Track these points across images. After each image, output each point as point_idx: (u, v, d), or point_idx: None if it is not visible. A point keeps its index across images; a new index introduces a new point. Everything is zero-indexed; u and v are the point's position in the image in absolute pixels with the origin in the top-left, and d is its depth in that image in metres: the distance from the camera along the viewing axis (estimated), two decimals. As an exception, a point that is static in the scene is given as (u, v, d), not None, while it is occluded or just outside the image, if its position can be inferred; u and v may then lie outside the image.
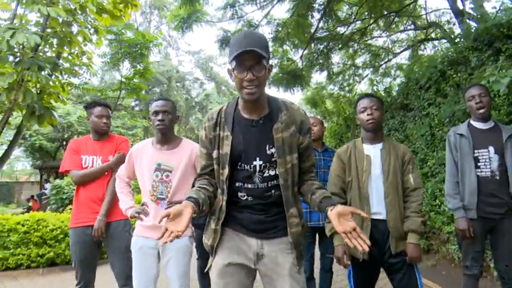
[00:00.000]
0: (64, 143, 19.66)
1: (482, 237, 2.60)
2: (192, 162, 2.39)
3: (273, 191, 1.65)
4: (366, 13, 9.78)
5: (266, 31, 9.60)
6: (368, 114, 2.26)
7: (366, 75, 12.68)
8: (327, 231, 2.29)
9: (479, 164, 2.58)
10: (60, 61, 6.17)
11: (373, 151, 2.29)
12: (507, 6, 3.44)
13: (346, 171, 2.31)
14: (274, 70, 10.08)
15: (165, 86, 26.28)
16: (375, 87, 12.57)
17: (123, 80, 7.74)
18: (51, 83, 5.48)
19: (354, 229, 1.41)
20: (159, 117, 2.33)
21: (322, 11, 8.74)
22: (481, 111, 2.60)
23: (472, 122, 2.71)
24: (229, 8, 8.27)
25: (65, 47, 5.62)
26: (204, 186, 1.68)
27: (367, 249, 1.37)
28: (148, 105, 2.59)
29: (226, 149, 1.62)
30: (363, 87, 13.87)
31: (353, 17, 9.85)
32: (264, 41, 1.57)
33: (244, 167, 1.63)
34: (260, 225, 1.66)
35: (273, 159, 1.61)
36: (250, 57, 1.48)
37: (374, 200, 2.21)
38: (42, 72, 4.87)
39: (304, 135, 1.67)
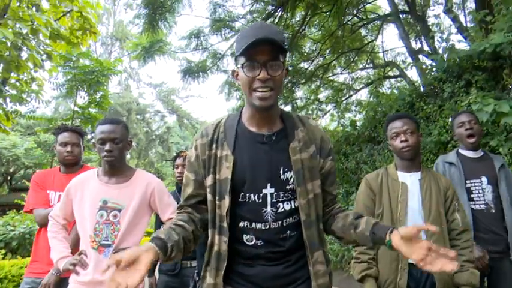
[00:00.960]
0: (9, 177, 18.11)
1: (481, 280, 2.33)
2: (148, 199, 1.92)
3: (288, 232, 1.25)
4: (328, 50, 10.10)
5: (231, 62, 9.56)
6: (402, 141, 1.92)
7: (329, 110, 12.93)
8: (355, 273, 1.87)
9: (472, 195, 2.36)
10: (7, 87, 5.68)
11: (410, 180, 1.95)
12: (477, 38, 3.52)
13: (376, 202, 1.94)
14: (238, 103, 9.97)
15: (125, 118, 25.47)
16: (336, 122, 12.90)
17: (77, 109, 7.22)
18: (-7, 110, 4.97)
19: (430, 248, 1.06)
20: (107, 147, 1.84)
21: (287, 46, 8.87)
22: (472, 140, 2.44)
23: (460, 150, 2.53)
24: (194, 39, 8.14)
25: (12, 73, 5.16)
26: (182, 223, 1.24)
27: (455, 266, 1.03)
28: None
29: (226, 172, 1.23)
30: (326, 122, 14.12)
31: (316, 53, 10.12)
32: (282, 33, 1.26)
33: (251, 197, 1.24)
34: (278, 280, 1.24)
35: (288, 187, 1.24)
36: (265, 50, 1.17)
37: None
38: (-18, 98, 4.38)
39: (326, 158, 1.32)
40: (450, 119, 3.82)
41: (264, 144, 1.26)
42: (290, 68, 10.07)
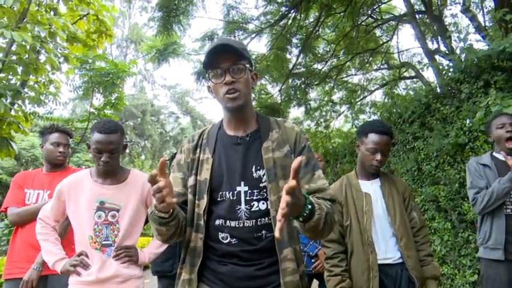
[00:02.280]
0: (27, 178, 18.53)
1: (510, 285, 2.29)
2: (144, 198, 1.96)
3: (264, 232, 1.30)
4: (342, 51, 10.00)
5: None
6: (377, 160, 1.98)
7: (343, 112, 12.81)
8: (330, 287, 1.93)
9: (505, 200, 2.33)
10: (25, 89, 5.80)
11: (371, 188, 2.04)
12: (497, 37, 3.43)
13: (344, 214, 2.00)
14: (253, 103, 9.98)
15: (139, 119, 25.81)
16: (350, 123, 12.76)
17: (93, 110, 7.34)
18: (12, 112, 5.07)
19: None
20: (104, 158, 1.83)
21: (300, 47, 8.83)
22: (511, 145, 2.36)
23: (495, 154, 2.48)
24: (207, 41, 8.18)
25: (31, 75, 5.27)
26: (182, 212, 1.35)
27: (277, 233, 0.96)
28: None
29: (206, 174, 1.34)
30: (339, 123, 13.99)
31: (330, 54, 10.03)
32: (240, 43, 1.42)
33: (226, 195, 1.32)
34: (248, 282, 1.27)
35: (261, 185, 1.31)
36: (225, 58, 1.30)
37: (381, 244, 1.93)
38: (3, 100, 4.48)
39: (298, 155, 1.35)
40: (468, 121, 3.73)
41: (238, 145, 1.37)
42: (303, 69, 10.01)
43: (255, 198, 1.30)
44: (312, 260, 2.79)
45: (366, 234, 1.91)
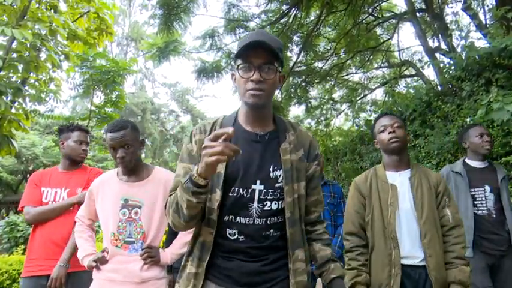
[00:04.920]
0: (28, 175, 18.55)
1: (487, 272, 2.53)
2: (166, 195, 1.97)
3: (271, 231, 1.30)
4: (343, 49, 9.98)
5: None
6: (390, 133, 1.90)
7: (343, 110, 12.79)
8: (346, 280, 1.79)
9: (475, 202, 2.62)
10: (26, 87, 5.79)
11: (399, 180, 1.92)
12: (498, 35, 3.42)
13: (366, 206, 1.91)
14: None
15: (140, 117, 25.81)
16: (350, 122, 12.78)
17: (93, 108, 7.35)
18: (13, 110, 5.06)
19: None
20: (119, 154, 1.85)
21: (301, 45, 8.81)
22: (489, 147, 2.68)
23: (467, 160, 2.78)
24: (208, 39, 8.16)
25: (31, 73, 5.27)
26: None
27: None
28: None
29: (219, 167, 1.27)
30: (340, 121, 13.98)
31: (330, 53, 10.02)
32: (278, 41, 1.34)
33: (240, 191, 1.28)
34: (254, 277, 1.27)
35: (277, 185, 1.30)
36: (259, 54, 1.25)
37: (406, 240, 1.81)
38: (3, 98, 4.47)
39: (312, 162, 1.39)
40: (469, 119, 3.74)
41: (257, 142, 1.34)
42: (304, 68, 10.00)
43: (269, 197, 1.29)
44: None
45: (389, 228, 1.81)
